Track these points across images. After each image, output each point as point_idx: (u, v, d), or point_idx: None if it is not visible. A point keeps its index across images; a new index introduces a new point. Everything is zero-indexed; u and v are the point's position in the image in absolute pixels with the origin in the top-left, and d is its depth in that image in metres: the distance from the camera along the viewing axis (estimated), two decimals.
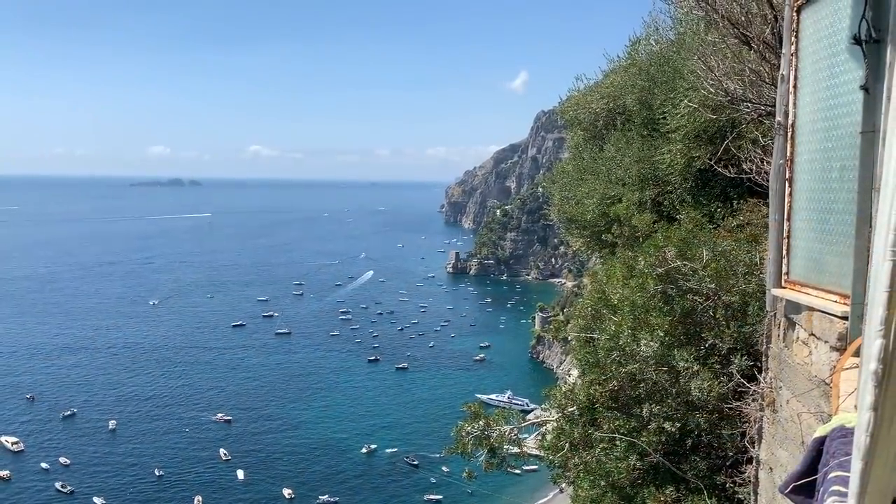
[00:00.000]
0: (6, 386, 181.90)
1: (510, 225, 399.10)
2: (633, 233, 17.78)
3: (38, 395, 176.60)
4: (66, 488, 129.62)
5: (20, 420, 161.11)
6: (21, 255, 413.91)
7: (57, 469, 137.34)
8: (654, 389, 11.34)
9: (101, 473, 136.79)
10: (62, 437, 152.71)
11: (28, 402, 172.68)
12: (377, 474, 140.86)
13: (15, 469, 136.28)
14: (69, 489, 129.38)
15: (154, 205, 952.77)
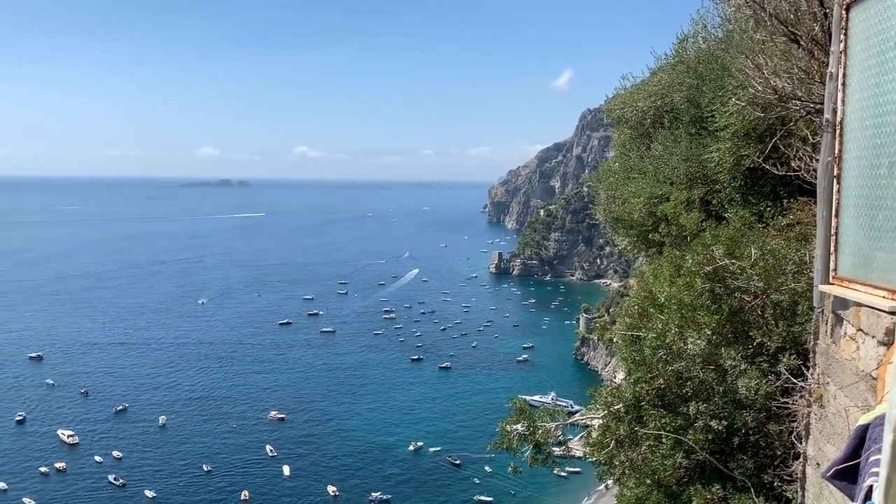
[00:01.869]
0: (62, 381, 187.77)
1: (554, 225, 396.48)
2: (681, 232, 17.69)
3: (92, 389, 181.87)
4: (118, 481, 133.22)
5: (75, 414, 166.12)
6: (77, 254, 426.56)
7: (110, 462, 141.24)
8: (701, 388, 11.33)
9: (151, 467, 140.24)
10: (115, 432, 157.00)
11: (82, 396, 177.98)
12: (421, 473, 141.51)
13: (70, 461, 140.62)
14: (121, 482, 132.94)
15: (204, 205, 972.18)
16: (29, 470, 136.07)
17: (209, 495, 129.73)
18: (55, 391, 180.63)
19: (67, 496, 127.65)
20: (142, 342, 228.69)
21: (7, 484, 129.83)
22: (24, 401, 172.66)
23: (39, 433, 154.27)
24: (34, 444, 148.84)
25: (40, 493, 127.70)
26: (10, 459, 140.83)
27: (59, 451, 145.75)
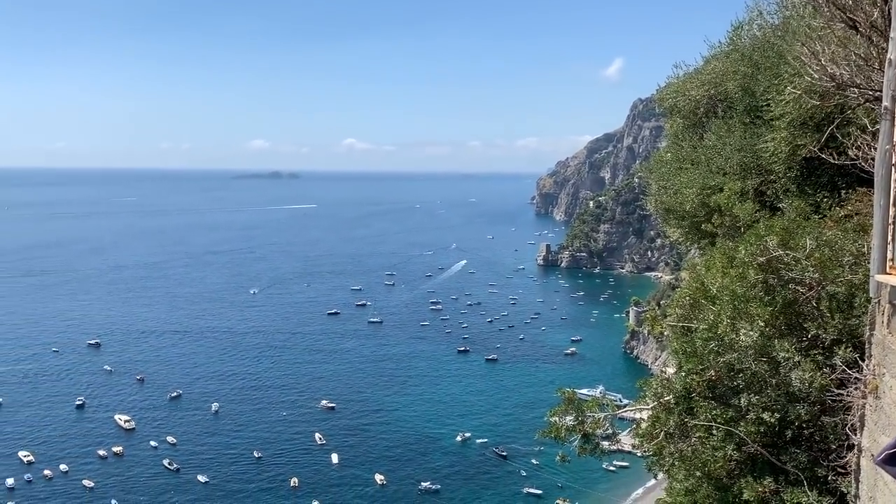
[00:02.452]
0: (119, 367, 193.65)
1: (604, 216, 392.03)
2: (734, 223, 17.42)
3: (148, 376, 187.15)
4: (172, 465, 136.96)
5: (131, 400, 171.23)
6: (133, 244, 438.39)
7: (164, 447, 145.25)
8: (753, 380, 11.19)
9: (204, 453, 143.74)
10: (169, 418, 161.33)
11: (138, 382, 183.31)
12: (469, 464, 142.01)
13: (127, 445, 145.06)
14: (175, 466, 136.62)
15: (255, 196, 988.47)
16: (88, 453, 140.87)
17: (260, 481, 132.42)
18: (112, 377, 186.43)
19: (124, 479, 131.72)
20: (195, 331, 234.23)
21: (68, 466, 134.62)
22: (84, 386, 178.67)
23: (98, 418, 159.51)
24: (93, 428, 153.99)
25: (99, 475, 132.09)
26: (71, 443, 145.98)
27: (116, 435, 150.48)
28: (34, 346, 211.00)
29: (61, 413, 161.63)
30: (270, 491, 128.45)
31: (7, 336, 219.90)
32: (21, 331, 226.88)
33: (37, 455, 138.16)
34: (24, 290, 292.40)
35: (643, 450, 12.89)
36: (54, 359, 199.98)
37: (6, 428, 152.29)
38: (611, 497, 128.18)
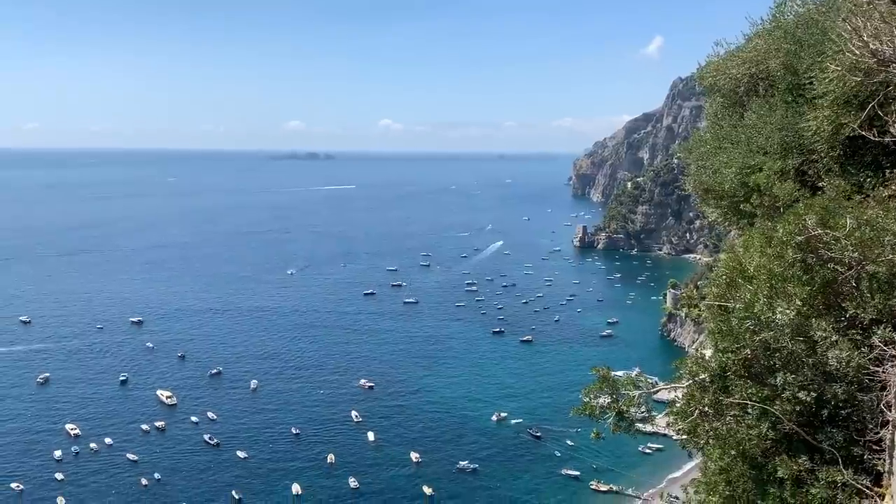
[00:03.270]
0: (161, 344, 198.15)
1: (642, 198, 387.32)
2: (774, 202, 17.23)
3: (188, 353, 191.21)
4: (213, 440, 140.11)
5: (173, 376, 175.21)
6: (174, 224, 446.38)
7: (205, 423, 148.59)
8: (790, 359, 11.16)
9: (243, 429, 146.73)
10: (209, 394, 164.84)
11: (179, 359, 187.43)
12: (504, 444, 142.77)
13: (169, 420, 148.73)
14: (216, 441, 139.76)
15: (291, 177, 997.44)
16: (132, 427, 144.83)
17: (297, 458, 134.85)
18: (154, 354, 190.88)
19: (167, 453, 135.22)
20: (234, 309, 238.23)
21: (113, 440, 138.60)
22: (127, 362, 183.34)
23: (141, 393, 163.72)
24: (136, 403, 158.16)
25: (142, 449, 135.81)
26: (115, 417, 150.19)
27: (158, 410, 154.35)
28: (79, 323, 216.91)
29: (106, 388, 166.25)
30: (308, 467, 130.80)
31: (53, 313, 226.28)
32: (66, 308, 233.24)
33: (83, 428, 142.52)
34: (68, 268, 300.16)
35: (677, 428, 12.93)
36: (98, 336, 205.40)
37: (54, 402, 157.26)
38: (646, 479, 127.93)
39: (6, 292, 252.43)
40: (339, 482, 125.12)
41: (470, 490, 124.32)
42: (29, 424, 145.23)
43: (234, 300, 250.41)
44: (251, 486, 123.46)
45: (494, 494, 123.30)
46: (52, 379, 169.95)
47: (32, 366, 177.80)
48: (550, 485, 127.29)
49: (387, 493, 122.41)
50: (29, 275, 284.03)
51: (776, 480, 10.99)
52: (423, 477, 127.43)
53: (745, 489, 11.93)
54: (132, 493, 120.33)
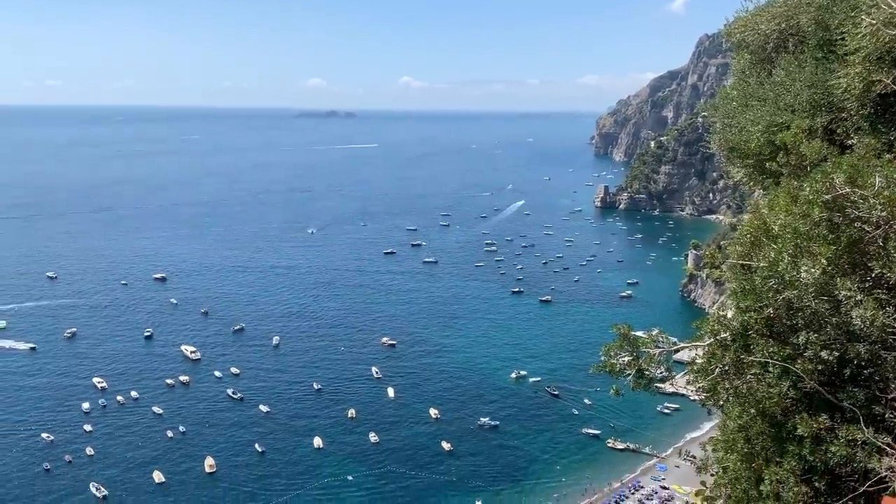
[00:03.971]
0: (184, 300, 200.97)
1: (665, 157, 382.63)
2: (800, 161, 16.94)
3: (211, 309, 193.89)
4: (236, 395, 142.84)
5: (196, 332, 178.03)
6: (196, 182, 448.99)
7: (228, 377, 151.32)
8: (813, 318, 11.08)
9: (266, 384, 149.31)
10: (232, 350, 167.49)
11: (203, 315, 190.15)
12: (522, 401, 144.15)
13: (193, 375, 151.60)
14: (239, 396, 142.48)
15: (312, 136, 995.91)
16: (157, 382, 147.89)
17: (319, 412, 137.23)
18: (178, 310, 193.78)
19: (191, 407, 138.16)
20: (256, 267, 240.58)
21: (139, 393, 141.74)
22: (151, 318, 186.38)
23: (165, 348, 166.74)
24: (161, 358, 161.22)
25: (167, 402, 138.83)
26: (141, 372, 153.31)
27: (182, 365, 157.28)
28: (104, 279, 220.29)
29: (131, 343, 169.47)
30: (330, 422, 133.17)
31: (79, 269, 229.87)
32: (91, 265, 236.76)
33: (110, 382, 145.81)
34: (92, 226, 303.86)
35: (698, 386, 12.97)
36: (123, 292, 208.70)
37: (81, 356, 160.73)
38: (663, 438, 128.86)
39: (33, 249, 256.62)
40: (360, 437, 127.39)
41: (489, 447, 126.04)
42: (58, 378, 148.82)
43: (255, 258, 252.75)
44: (274, 440, 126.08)
45: (512, 451, 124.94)
46: (78, 334, 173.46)
47: (59, 321, 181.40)
48: (568, 442, 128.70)
49: (406, 449, 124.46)
50: (54, 231, 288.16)
51: (795, 438, 11.02)
52: (442, 433, 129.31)
53: (763, 447, 11.99)
54: (158, 445, 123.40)
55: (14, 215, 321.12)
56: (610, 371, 13.34)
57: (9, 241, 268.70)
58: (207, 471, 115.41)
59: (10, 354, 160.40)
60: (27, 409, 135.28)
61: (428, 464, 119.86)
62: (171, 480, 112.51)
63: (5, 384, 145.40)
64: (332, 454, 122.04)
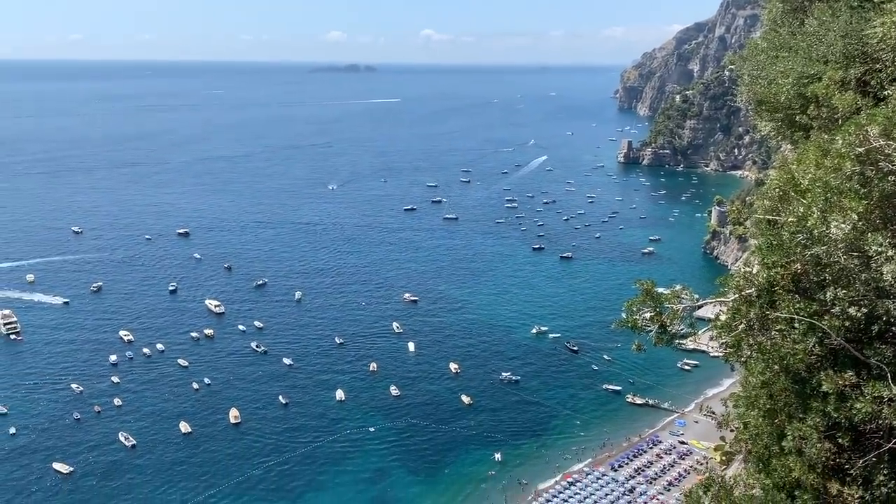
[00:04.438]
0: (207, 255, 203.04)
1: (690, 112, 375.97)
2: (832, 114, 16.49)
3: (234, 264, 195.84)
4: (260, 348, 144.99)
5: (220, 286, 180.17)
6: (218, 137, 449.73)
7: (252, 331, 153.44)
8: (841, 274, 10.87)
9: (289, 337, 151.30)
10: (255, 304, 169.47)
11: (226, 270, 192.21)
12: (540, 357, 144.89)
13: (217, 329, 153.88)
14: (263, 349, 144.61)
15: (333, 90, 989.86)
16: (182, 335, 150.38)
17: (341, 366, 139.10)
18: (202, 265, 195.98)
19: (216, 359, 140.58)
20: (278, 223, 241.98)
21: (164, 346, 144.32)
22: (176, 272, 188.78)
23: (190, 302, 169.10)
24: (185, 312, 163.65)
25: (193, 355, 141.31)
26: (166, 325, 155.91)
27: (207, 319, 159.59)
28: (128, 233, 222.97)
29: (156, 297, 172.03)
30: (351, 375, 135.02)
31: (104, 224, 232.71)
32: (115, 219, 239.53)
33: (136, 335, 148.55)
34: (117, 180, 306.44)
35: (721, 341, 12.85)
36: (147, 246, 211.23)
37: (107, 309, 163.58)
38: (683, 394, 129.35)
39: (58, 203, 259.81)
40: (381, 390, 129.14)
41: (508, 401, 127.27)
42: (86, 332, 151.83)
43: (277, 214, 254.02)
44: (297, 392, 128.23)
45: (532, 406, 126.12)
46: (104, 287, 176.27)
47: (86, 275, 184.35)
48: (589, 398, 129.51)
49: (427, 402, 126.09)
50: (79, 186, 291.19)
51: (820, 395, 10.92)
52: (462, 387, 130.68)
53: (786, 403, 11.90)
54: (184, 396, 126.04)
55: (39, 170, 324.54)
56: (632, 326, 13.26)
57: (35, 196, 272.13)
58: (232, 422, 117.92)
59: (44, 308, 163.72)
60: (58, 360, 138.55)
61: (448, 417, 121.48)
62: (196, 431, 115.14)
63: (38, 337, 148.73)
64: (354, 407, 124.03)
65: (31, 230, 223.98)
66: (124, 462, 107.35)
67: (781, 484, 11.82)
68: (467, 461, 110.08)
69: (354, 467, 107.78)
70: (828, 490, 10.76)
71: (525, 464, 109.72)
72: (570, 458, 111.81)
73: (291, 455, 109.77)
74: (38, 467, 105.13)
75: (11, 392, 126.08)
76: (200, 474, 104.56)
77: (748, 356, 12.44)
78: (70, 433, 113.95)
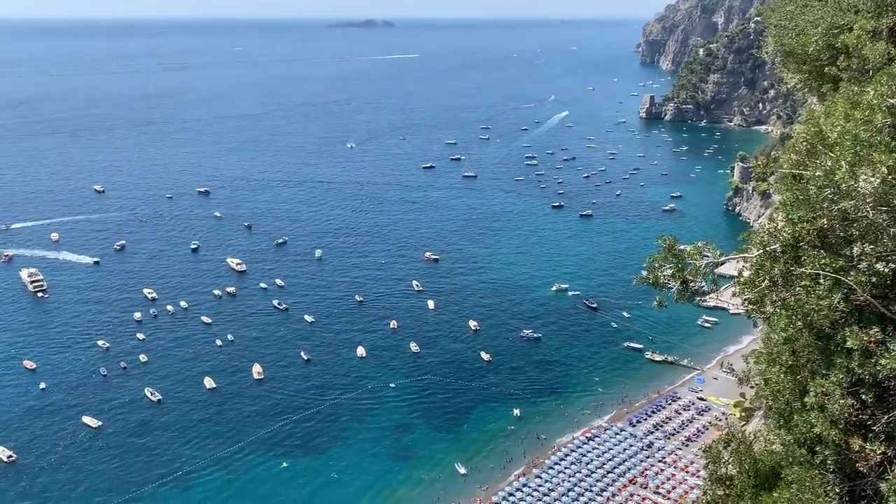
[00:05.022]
0: (228, 214, 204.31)
1: (714, 66, 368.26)
2: (863, 65, 16.03)
3: (255, 223, 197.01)
4: (281, 306, 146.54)
5: (241, 245, 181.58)
6: (236, 95, 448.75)
7: (273, 289, 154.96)
8: (869, 229, 10.66)
9: (309, 295, 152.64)
10: (276, 262, 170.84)
11: (246, 229, 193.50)
12: (560, 315, 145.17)
13: (239, 286, 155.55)
14: (284, 307, 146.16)
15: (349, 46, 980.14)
16: (205, 292, 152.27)
17: (361, 323, 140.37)
18: (222, 223, 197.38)
19: (238, 316, 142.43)
20: (297, 181, 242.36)
21: (188, 303, 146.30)
22: (197, 231, 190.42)
23: (211, 261, 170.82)
24: (207, 270, 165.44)
25: (215, 313, 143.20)
26: (189, 282, 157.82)
27: (228, 277, 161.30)
28: (149, 192, 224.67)
29: (178, 255, 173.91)
30: (372, 331, 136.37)
31: (125, 183, 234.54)
32: (136, 178, 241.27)
33: (159, 292, 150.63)
34: (137, 139, 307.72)
35: (744, 297, 12.73)
36: (168, 205, 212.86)
37: (131, 268, 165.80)
38: (702, 351, 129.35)
39: (80, 162, 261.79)
40: (401, 347, 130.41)
41: (527, 358, 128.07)
42: (110, 290, 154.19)
43: (296, 172, 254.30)
44: (319, 349, 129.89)
45: (551, 362, 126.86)
46: (127, 246, 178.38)
47: (109, 233, 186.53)
48: (609, 356, 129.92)
49: (447, 359, 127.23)
50: (101, 145, 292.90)
51: (844, 351, 10.82)
52: (481, 344, 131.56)
53: (809, 359, 11.82)
54: (208, 353, 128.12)
55: (60, 130, 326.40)
56: (654, 283, 13.17)
57: (56, 155, 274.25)
58: (256, 378, 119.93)
59: (70, 266, 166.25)
60: (83, 318, 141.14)
61: (468, 374, 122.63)
62: (221, 387, 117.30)
63: (64, 295, 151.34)
64: (375, 363, 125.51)
65: (54, 190, 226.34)
66: (151, 417, 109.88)
67: (802, 440, 11.81)
68: (487, 417, 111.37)
69: (377, 423, 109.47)
70: (849, 446, 10.72)
71: (544, 420, 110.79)
72: (589, 414, 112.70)
73: (315, 411, 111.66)
74: (69, 422, 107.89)
75: (40, 349, 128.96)
76: (226, 429, 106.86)
77: (771, 312, 12.33)
78: (98, 389, 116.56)
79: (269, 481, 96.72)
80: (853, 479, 11.02)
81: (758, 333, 33.34)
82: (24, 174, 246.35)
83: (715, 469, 13.94)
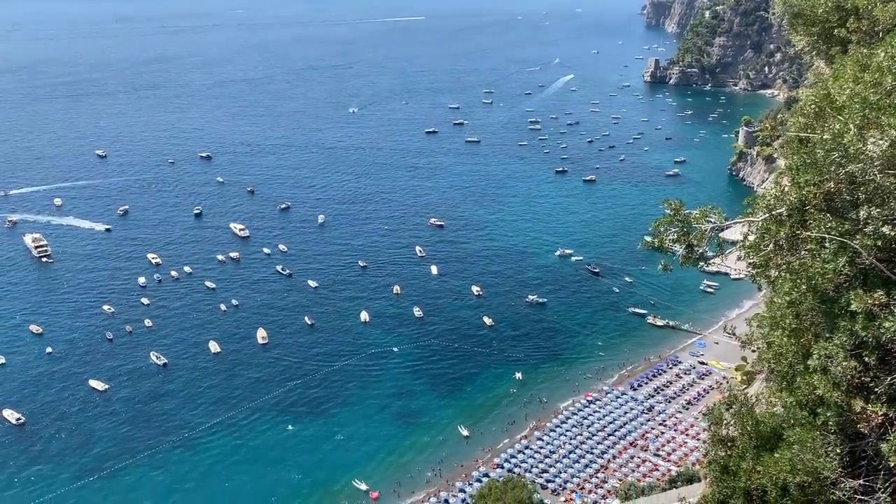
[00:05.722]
0: (230, 179, 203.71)
1: (720, 28, 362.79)
2: (873, 27, 15.84)
3: (257, 188, 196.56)
4: (285, 271, 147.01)
5: (244, 210, 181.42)
6: (238, 59, 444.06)
7: (276, 254, 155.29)
8: (876, 192, 10.63)
9: (313, 261, 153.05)
10: (279, 227, 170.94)
11: (249, 194, 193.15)
12: (562, 280, 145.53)
13: (242, 252, 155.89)
14: (288, 272, 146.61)
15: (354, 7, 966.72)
16: (208, 257, 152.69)
17: (365, 288, 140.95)
18: (225, 188, 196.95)
19: (242, 281, 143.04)
20: (299, 146, 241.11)
21: (191, 268, 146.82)
22: (199, 196, 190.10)
23: (215, 226, 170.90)
24: (211, 235, 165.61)
25: (219, 278, 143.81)
26: (192, 247, 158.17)
27: (232, 242, 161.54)
28: (151, 157, 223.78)
29: (181, 220, 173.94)
30: (375, 296, 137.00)
31: (127, 148, 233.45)
32: (138, 143, 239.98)
33: (163, 258, 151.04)
34: (138, 104, 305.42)
35: (749, 261, 12.74)
36: (170, 170, 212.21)
37: (135, 233, 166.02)
38: (704, 316, 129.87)
39: (82, 127, 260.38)
40: (404, 312, 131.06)
41: (529, 323, 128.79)
42: (114, 255, 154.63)
43: (298, 137, 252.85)
44: (322, 313, 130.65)
45: (553, 327, 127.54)
46: (130, 211, 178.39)
47: (112, 198, 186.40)
48: (612, 321, 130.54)
49: (449, 323, 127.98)
50: (102, 110, 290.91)
51: (848, 314, 10.86)
52: (483, 309, 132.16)
53: (813, 322, 11.89)
54: (212, 317, 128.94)
55: (61, 94, 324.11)
56: (659, 246, 13.19)
57: (57, 120, 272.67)
58: (260, 342, 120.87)
59: (73, 231, 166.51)
60: (88, 282, 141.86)
61: (470, 338, 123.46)
62: (226, 351, 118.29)
63: (68, 260, 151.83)
64: (378, 327, 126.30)
65: (56, 155, 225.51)
66: (157, 380, 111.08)
67: (804, 401, 11.92)
68: (489, 380, 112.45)
69: (380, 387, 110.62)
70: (851, 407, 10.83)
71: (546, 383, 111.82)
72: (591, 378, 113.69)
73: (319, 374, 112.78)
74: (77, 386, 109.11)
75: (45, 313, 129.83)
76: (231, 393, 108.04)
77: (775, 276, 12.36)
78: (104, 353, 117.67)
79: (276, 447, 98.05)
80: (854, 440, 11.14)
81: (760, 298, 33.46)
82: (25, 139, 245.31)
83: (717, 430, 14.09)
